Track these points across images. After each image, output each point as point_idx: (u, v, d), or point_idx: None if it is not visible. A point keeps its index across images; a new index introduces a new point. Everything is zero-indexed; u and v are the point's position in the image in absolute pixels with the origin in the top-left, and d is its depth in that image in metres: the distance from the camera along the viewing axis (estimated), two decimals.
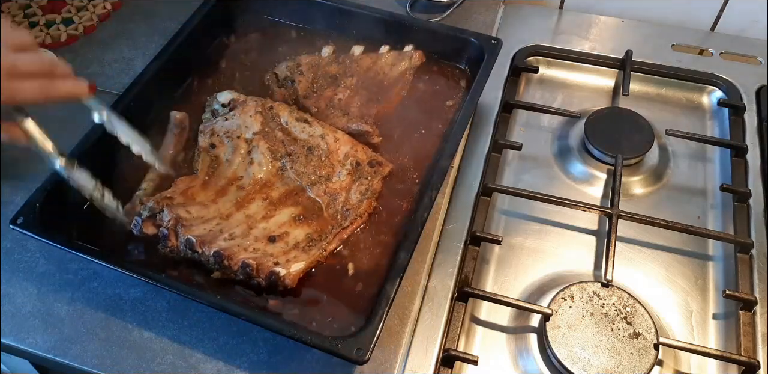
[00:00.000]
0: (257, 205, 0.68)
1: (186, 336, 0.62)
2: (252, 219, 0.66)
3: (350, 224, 0.67)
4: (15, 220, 0.62)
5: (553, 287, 0.67)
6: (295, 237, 0.66)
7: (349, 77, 0.79)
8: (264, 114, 0.73)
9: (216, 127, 0.73)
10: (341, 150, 0.71)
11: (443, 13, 0.92)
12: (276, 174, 0.71)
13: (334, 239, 0.66)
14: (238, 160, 0.71)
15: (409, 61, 0.80)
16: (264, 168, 0.70)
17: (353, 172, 0.70)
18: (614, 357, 0.60)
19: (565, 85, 0.87)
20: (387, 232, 0.68)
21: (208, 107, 0.76)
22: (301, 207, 0.69)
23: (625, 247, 0.71)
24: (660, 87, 0.86)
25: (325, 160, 0.71)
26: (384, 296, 0.58)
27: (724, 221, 0.73)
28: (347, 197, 0.69)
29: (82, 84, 0.55)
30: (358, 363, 0.54)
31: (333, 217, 0.68)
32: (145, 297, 0.65)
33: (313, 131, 0.72)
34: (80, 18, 0.92)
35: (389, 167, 0.72)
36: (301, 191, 0.70)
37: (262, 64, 0.83)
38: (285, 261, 0.62)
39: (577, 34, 0.91)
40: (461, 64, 0.82)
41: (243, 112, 0.73)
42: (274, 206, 0.68)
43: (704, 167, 0.78)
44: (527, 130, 0.82)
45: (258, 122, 0.72)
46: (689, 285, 0.68)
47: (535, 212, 0.74)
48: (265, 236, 0.65)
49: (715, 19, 0.93)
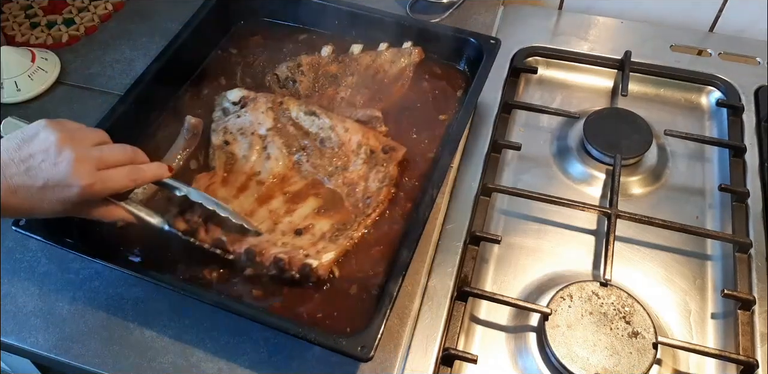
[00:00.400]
0: (279, 200, 0.69)
1: (187, 335, 0.63)
2: (275, 214, 0.67)
3: (372, 211, 0.68)
4: (17, 222, 0.62)
5: (552, 286, 0.67)
6: (321, 228, 0.66)
7: (350, 76, 0.80)
8: (275, 110, 0.74)
9: (228, 124, 0.74)
10: (353, 140, 0.72)
11: (443, 14, 0.92)
12: (293, 168, 0.72)
13: (360, 228, 0.66)
14: (254, 156, 0.72)
15: (408, 57, 0.80)
16: (281, 163, 0.71)
17: (368, 161, 0.71)
18: (613, 356, 0.60)
19: (564, 86, 0.87)
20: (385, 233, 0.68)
21: (218, 106, 0.77)
22: (321, 199, 0.69)
23: (623, 247, 0.71)
24: (659, 87, 0.86)
25: (338, 151, 0.72)
26: (387, 293, 0.58)
27: (722, 221, 0.73)
28: (366, 186, 0.70)
29: (163, 166, 0.61)
30: (363, 360, 0.54)
31: (354, 206, 0.68)
32: (146, 296, 0.65)
33: (323, 123, 0.73)
34: (81, 18, 0.92)
35: (403, 151, 0.72)
36: (319, 184, 0.71)
37: (263, 65, 0.83)
38: (315, 253, 0.63)
39: (576, 35, 0.91)
40: (460, 64, 0.82)
41: (254, 108, 0.74)
42: (295, 200, 0.69)
43: (703, 167, 0.79)
44: (526, 130, 0.83)
45: (270, 117, 0.73)
46: (688, 285, 0.69)
47: (534, 211, 0.74)
48: (292, 230, 0.66)
49: (714, 20, 0.93)
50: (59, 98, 0.83)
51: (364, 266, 0.65)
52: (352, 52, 0.82)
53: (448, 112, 0.78)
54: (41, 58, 0.84)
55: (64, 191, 0.52)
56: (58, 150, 0.51)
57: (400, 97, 0.79)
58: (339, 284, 0.64)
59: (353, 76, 0.80)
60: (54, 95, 0.83)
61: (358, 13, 0.82)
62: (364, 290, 0.63)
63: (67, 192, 0.52)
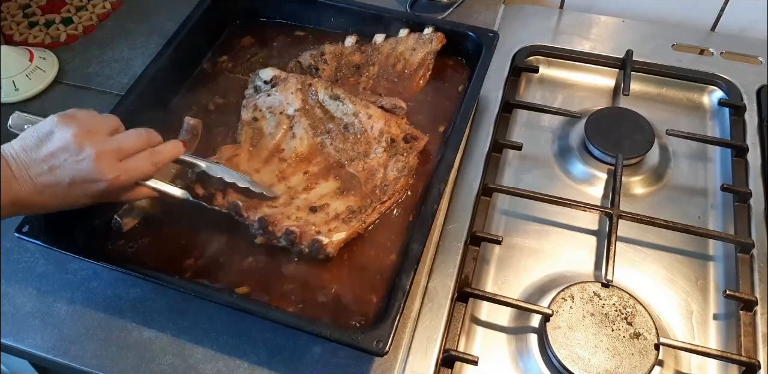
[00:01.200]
0: (298, 177, 0.70)
1: (186, 335, 0.62)
2: (294, 190, 0.68)
3: (388, 199, 0.68)
4: (20, 228, 0.62)
5: (554, 287, 0.67)
6: (335, 209, 0.67)
7: (371, 66, 0.80)
8: (304, 91, 0.75)
9: (258, 102, 0.75)
10: (375, 127, 0.72)
11: (443, 13, 0.92)
12: (317, 149, 0.72)
13: (373, 213, 0.67)
14: (280, 133, 0.73)
15: (429, 44, 0.79)
16: (306, 142, 0.72)
17: (389, 149, 0.71)
18: (615, 358, 0.60)
19: (566, 85, 0.87)
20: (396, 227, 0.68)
21: (251, 83, 0.78)
22: (340, 181, 0.70)
23: (625, 247, 0.70)
24: (660, 87, 0.86)
25: (360, 137, 0.72)
26: (400, 287, 0.58)
27: (724, 221, 0.73)
28: (385, 173, 0.70)
29: (177, 143, 0.60)
30: (379, 355, 0.54)
31: (372, 191, 0.69)
32: (144, 297, 0.65)
33: (347, 109, 0.73)
34: (80, 18, 0.92)
35: (424, 140, 0.72)
36: (340, 166, 0.71)
37: (265, 61, 0.83)
38: (327, 231, 0.64)
39: (578, 34, 0.90)
40: (461, 59, 0.82)
41: (285, 88, 0.75)
42: (314, 179, 0.70)
43: (705, 167, 0.78)
44: (527, 130, 0.82)
45: (299, 98, 0.74)
46: (690, 285, 0.68)
47: (536, 212, 0.73)
48: (307, 207, 0.67)
49: (716, 19, 0.92)
50: (57, 98, 0.83)
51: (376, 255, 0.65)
52: (375, 42, 0.82)
53: (449, 106, 0.77)
54: (39, 58, 0.83)
55: (92, 186, 0.53)
56: (79, 147, 0.52)
57: (421, 90, 0.79)
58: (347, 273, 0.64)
59: (375, 67, 0.80)
60: (52, 95, 0.83)
61: (355, 10, 0.82)
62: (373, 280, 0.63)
63: (95, 187, 0.53)
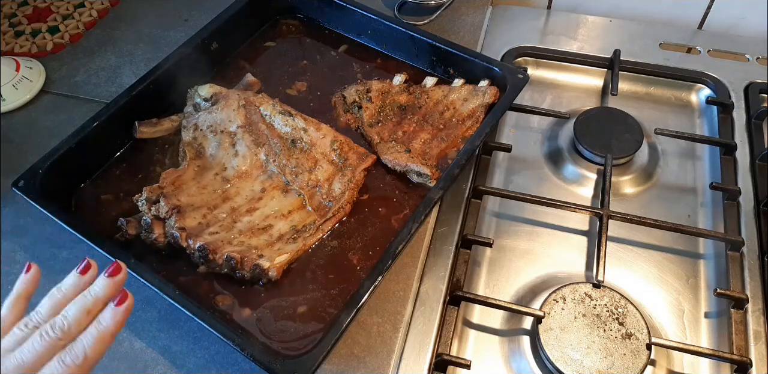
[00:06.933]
0: (242, 197, 0.69)
1: (177, 345, 0.62)
2: (237, 212, 0.68)
3: (332, 215, 0.68)
4: (17, 183, 0.65)
5: (545, 288, 0.67)
6: (279, 230, 0.67)
7: (418, 109, 0.77)
8: (247, 108, 0.74)
9: (199, 121, 0.74)
10: (325, 142, 0.72)
11: (431, 16, 0.92)
12: (260, 167, 0.72)
13: (316, 232, 0.67)
14: (221, 153, 0.72)
15: (482, 97, 0.75)
16: (248, 160, 0.72)
17: (336, 163, 0.71)
18: (607, 358, 0.60)
19: (554, 86, 0.87)
20: None
21: (190, 100, 0.77)
22: (285, 199, 0.70)
23: (616, 247, 0.71)
24: (648, 86, 0.86)
25: (308, 152, 0.72)
26: (338, 323, 0.56)
27: (714, 220, 0.73)
28: (330, 188, 0.70)
29: (119, 306, 0.47)
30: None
31: (317, 209, 0.69)
32: (135, 306, 0.64)
33: (296, 124, 0.73)
34: (66, 26, 0.92)
35: (372, 159, 0.72)
36: (283, 184, 0.71)
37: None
38: (269, 254, 0.63)
39: (565, 34, 0.91)
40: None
41: (226, 106, 0.74)
42: (258, 199, 0.69)
43: (694, 165, 0.78)
44: (517, 131, 0.82)
45: (242, 115, 0.73)
46: (681, 284, 0.68)
47: (526, 213, 0.74)
48: (249, 229, 0.66)
49: (703, 17, 0.93)
50: (45, 107, 0.82)
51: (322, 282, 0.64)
52: (425, 85, 0.79)
53: None
54: (26, 67, 0.83)
55: None
56: None
57: (463, 140, 0.74)
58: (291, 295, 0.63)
59: (421, 110, 0.76)
60: (39, 104, 0.82)
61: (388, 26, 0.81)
62: (318, 308, 0.62)
63: None
